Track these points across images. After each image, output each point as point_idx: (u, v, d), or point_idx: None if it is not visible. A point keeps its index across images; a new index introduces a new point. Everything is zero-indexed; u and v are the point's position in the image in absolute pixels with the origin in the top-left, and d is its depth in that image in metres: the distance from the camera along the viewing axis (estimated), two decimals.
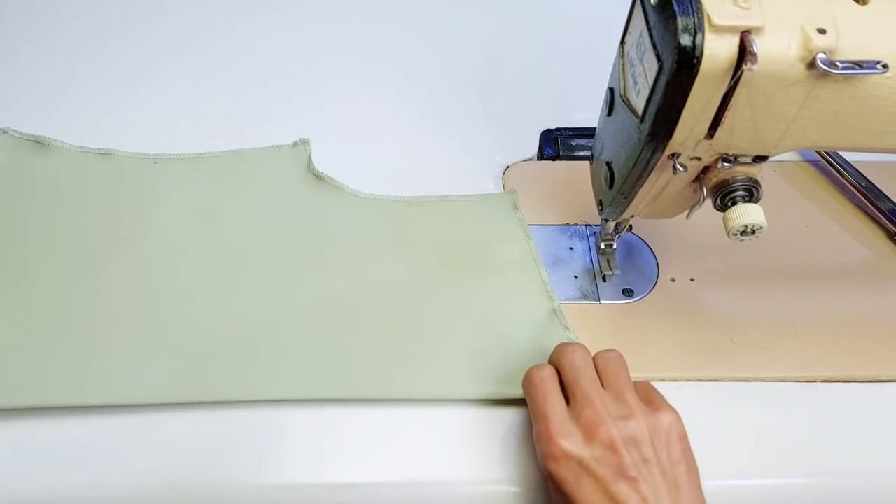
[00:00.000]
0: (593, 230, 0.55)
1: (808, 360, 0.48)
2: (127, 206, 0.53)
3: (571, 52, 0.67)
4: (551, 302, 0.50)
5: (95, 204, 0.53)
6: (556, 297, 0.50)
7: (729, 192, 0.41)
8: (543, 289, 0.51)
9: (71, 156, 0.56)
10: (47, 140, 0.56)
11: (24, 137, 0.57)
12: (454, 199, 0.56)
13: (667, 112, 0.37)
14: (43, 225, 0.52)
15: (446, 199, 0.56)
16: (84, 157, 0.56)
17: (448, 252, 0.53)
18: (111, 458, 0.43)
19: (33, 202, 0.53)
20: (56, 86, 0.62)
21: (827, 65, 0.34)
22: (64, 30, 0.66)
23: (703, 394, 0.47)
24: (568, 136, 0.60)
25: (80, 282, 0.49)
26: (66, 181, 0.55)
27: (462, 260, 0.52)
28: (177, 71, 0.64)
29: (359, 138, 0.60)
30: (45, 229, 0.52)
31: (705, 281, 0.52)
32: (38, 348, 0.46)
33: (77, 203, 0.53)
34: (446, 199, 0.56)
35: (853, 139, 0.39)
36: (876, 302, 0.52)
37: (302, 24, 0.69)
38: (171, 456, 0.43)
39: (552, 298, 0.50)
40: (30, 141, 0.56)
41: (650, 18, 0.37)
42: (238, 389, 0.45)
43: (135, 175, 0.55)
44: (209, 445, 0.43)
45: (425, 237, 0.53)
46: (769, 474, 0.44)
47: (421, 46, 0.68)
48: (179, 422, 0.44)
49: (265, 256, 0.51)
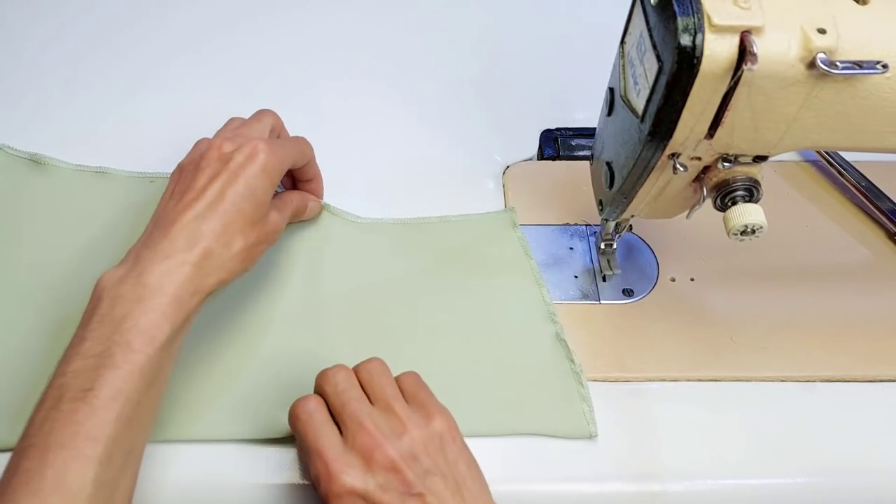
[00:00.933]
0: (593, 230, 0.55)
1: (808, 360, 0.48)
2: (123, 226, 0.52)
3: (571, 51, 0.67)
4: (554, 325, 0.49)
5: (91, 223, 0.52)
6: (558, 320, 0.50)
7: (729, 192, 0.41)
8: (546, 311, 0.50)
9: (67, 174, 0.55)
10: (43, 158, 0.55)
11: (20, 155, 0.56)
12: (453, 220, 0.55)
13: (667, 112, 0.37)
14: (37, 244, 0.51)
15: (445, 219, 0.55)
16: (80, 176, 0.55)
17: (447, 274, 0.52)
18: None
19: (28, 221, 0.52)
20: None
21: (827, 65, 0.34)
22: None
23: (703, 394, 0.47)
24: (568, 136, 0.60)
25: (74, 303, 0.48)
26: (61, 200, 0.54)
27: (462, 282, 0.51)
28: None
29: (359, 139, 0.60)
30: (39, 249, 0.51)
31: (705, 281, 0.52)
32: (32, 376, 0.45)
33: (72, 222, 0.53)
34: (445, 220, 0.55)
35: (853, 139, 0.39)
36: (876, 302, 0.52)
37: (297, 23, 0.69)
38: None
39: (555, 321, 0.50)
40: (25, 159, 0.56)
41: (650, 18, 0.37)
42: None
43: (131, 194, 0.54)
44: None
45: (425, 259, 0.53)
46: (769, 474, 0.44)
47: (421, 46, 0.68)
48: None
49: (260, 285, 0.51)
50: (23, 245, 0.51)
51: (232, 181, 0.43)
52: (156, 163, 0.55)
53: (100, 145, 0.57)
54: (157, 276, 0.39)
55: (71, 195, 0.54)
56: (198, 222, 0.41)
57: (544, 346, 0.49)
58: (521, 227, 0.55)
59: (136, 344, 0.37)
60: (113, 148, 0.57)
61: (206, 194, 0.42)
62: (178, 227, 0.41)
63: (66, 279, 0.50)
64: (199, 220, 0.41)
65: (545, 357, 0.48)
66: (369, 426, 0.38)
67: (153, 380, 0.38)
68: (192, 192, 0.42)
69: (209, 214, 0.41)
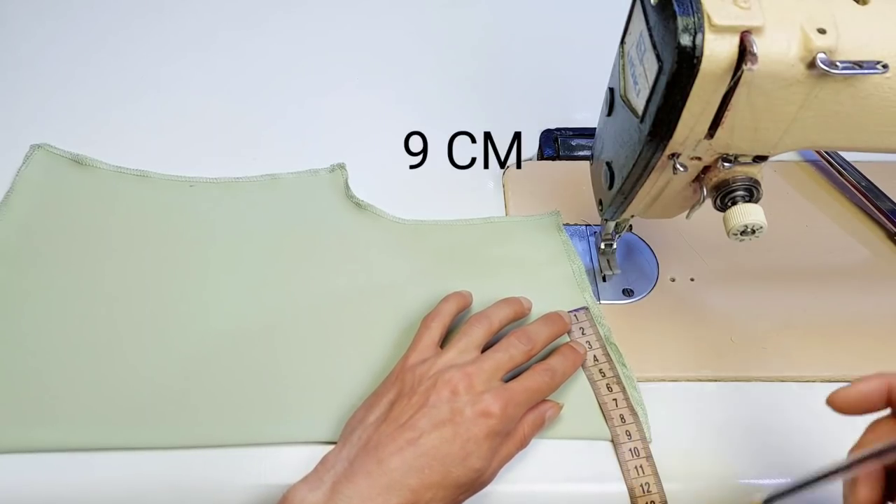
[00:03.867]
0: (593, 230, 0.55)
1: (808, 360, 0.48)
2: (162, 228, 0.53)
3: (572, 52, 0.67)
4: (602, 328, 0.49)
5: (131, 225, 0.53)
6: (607, 324, 0.49)
7: (729, 192, 0.41)
8: (591, 314, 0.50)
9: (108, 176, 0.56)
10: (84, 159, 0.56)
11: (62, 154, 0.56)
12: (496, 221, 0.55)
13: (667, 112, 0.37)
14: (77, 244, 0.52)
15: (489, 220, 0.55)
16: (121, 178, 0.56)
17: (492, 276, 0.52)
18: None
19: (69, 220, 0.53)
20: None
21: (827, 65, 0.34)
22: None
23: (703, 393, 0.47)
24: (568, 136, 0.60)
25: (110, 303, 0.49)
26: (102, 201, 0.54)
27: (506, 285, 0.50)
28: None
29: (359, 139, 0.60)
30: (81, 248, 0.51)
31: (705, 281, 0.52)
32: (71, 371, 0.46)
33: (113, 224, 0.53)
34: (489, 221, 0.55)
35: (853, 139, 0.39)
36: (876, 302, 0.52)
37: (292, 27, 0.69)
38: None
39: (602, 324, 0.49)
40: (67, 158, 0.56)
41: (650, 18, 0.37)
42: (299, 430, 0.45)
43: (171, 198, 0.55)
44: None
45: (468, 261, 0.52)
46: (768, 474, 0.44)
47: (420, 47, 0.68)
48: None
49: (306, 283, 0.51)
50: (64, 243, 0.52)
51: (453, 439, 0.39)
52: (191, 168, 0.56)
53: (138, 152, 0.57)
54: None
55: (112, 197, 0.55)
56: (404, 471, 0.38)
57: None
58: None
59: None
60: (152, 153, 0.57)
61: (423, 442, 0.39)
62: (383, 470, 0.38)
63: (104, 279, 0.50)
64: (407, 469, 0.38)
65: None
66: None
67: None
68: (409, 430, 0.40)
69: (418, 465, 0.39)
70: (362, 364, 0.47)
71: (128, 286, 0.50)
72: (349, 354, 0.47)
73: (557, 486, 0.44)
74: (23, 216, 0.53)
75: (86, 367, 0.46)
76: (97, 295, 0.49)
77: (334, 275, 0.51)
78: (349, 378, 0.46)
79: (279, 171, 0.57)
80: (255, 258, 0.52)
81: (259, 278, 0.51)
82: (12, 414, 0.44)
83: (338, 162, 0.57)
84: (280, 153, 0.58)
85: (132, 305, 0.49)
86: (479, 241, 0.54)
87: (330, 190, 0.56)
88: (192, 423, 0.44)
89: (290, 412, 0.45)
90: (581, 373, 0.47)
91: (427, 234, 0.54)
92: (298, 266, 0.52)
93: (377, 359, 0.47)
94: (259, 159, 0.58)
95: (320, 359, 0.47)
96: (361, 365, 0.47)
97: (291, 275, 0.51)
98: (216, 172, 0.57)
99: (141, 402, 0.45)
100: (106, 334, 0.47)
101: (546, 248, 0.53)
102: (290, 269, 0.51)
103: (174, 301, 0.49)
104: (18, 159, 0.56)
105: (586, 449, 0.45)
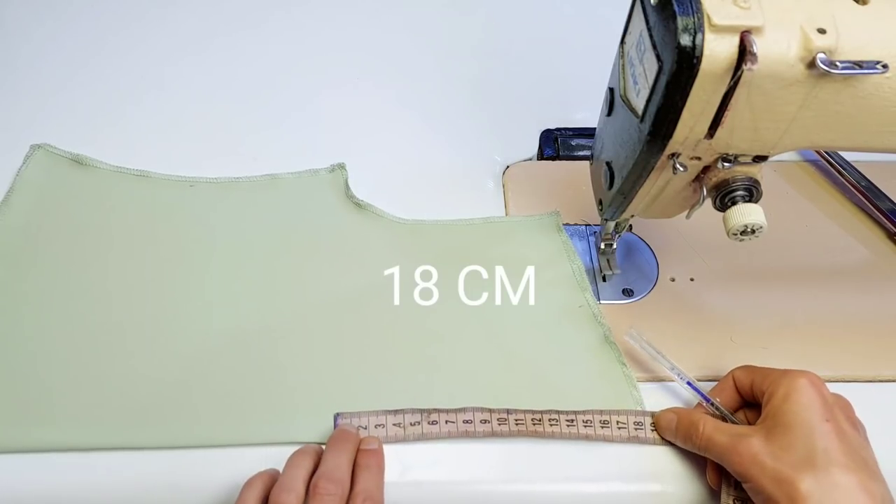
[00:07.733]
0: (593, 230, 0.55)
1: (808, 360, 0.48)
2: (162, 228, 0.53)
3: (571, 52, 0.67)
4: (601, 327, 0.49)
5: (131, 225, 0.53)
6: (606, 323, 0.49)
7: (729, 191, 0.41)
8: (590, 313, 0.50)
9: (108, 176, 0.56)
10: (84, 159, 0.56)
11: (62, 154, 0.56)
12: (496, 221, 0.55)
13: (667, 112, 0.37)
14: (79, 243, 0.52)
15: (489, 220, 0.55)
16: (121, 178, 0.56)
17: (491, 276, 0.51)
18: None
19: (69, 220, 0.53)
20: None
21: (827, 65, 0.34)
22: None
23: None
24: (568, 136, 0.60)
25: (110, 303, 0.49)
26: (102, 201, 0.54)
27: (506, 283, 0.51)
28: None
29: (359, 139, 0.60)
30: (81, 248, 0.51)
31: (705, 281, 0.52)
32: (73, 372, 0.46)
33: (113, 223, 0.53)
34: (489, 221, 0.55)
35: (853, 139, 0.39)
36: (876, 302, 0.52)
37: (292, 27, 0.69)
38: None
39: (601, 323, 0.49)
40: (67, 158, 0.56)
41: (650, 18, 0.37)
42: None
43: (171, 198, 0.55)
44: None
45: (468, 261, 0.52)
46: None
47: (421, 47, 0.68)
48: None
49: (306, 283, 0.51)
50: (64, 243, 0.52)
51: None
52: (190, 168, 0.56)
53: (137, 152, 0.57)
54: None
55: (112, 197, 0.55)
56: None
57: (592, 349, 0.48)
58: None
59: None
60: (152, 154, 0.57)
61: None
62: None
63: (104, 279, 0.50)
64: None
65: (594, 360, 0.48)
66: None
67: None
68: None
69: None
70: (362, 364, 0.47)
71: (128, 286, 0.50)
72: (349, 354, 0.47)
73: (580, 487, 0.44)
74: (23, 216, 0.53)
75: (86, 366, 0.46)
76: (97, 295, 0.49)
77: (334, 275, 0.51)
78: (349, 378, 0.46)
79: (279, 171, 0.57)
80: (255, 258, 0.52)
81: (259, 278, 0.51)
82: (12, 414, 0.44)
83: (338, 162, 0.58)
84: (280, 153, 0.58)
85: (132, 305, 0.49)
86: (478, 241, 0.54)
87: (330, 190, 0.56)
88: (192, 423, 0.44)
89: (289, 412, 0.45)
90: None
91: (427, 234, 0.54)
92: (298, 266, 0.52)
93: (377, 358, 0.47)
94: (259, 159, 0.58)
95: (320, 359, 0.47)
96: (361, 365, 0.47)
97: (291, 275, 0.51)
98: (216, 172, 0.57)
99: (141, 402, 0.45)
100: (106, 334, 0.47)
101: (546, 248, 0.53)
102: (291, 269, 0.51)
103: (174, 301, 0.49)
104: (18, 159, 0.56)
105: (565, 448, 0.45)
